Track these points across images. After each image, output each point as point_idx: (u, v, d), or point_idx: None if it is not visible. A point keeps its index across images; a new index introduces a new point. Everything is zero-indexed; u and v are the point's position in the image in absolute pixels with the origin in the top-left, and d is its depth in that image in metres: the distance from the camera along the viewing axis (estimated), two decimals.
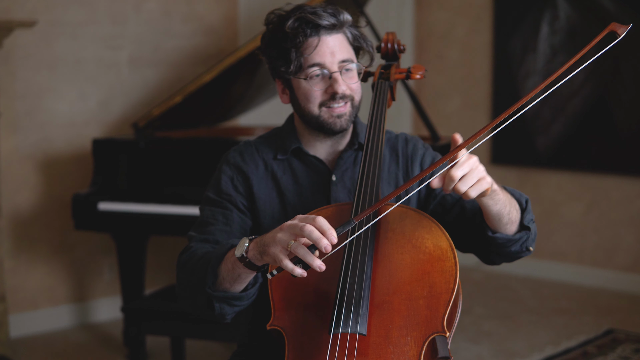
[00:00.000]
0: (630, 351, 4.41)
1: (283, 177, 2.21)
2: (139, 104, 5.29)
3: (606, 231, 5.78)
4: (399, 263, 1.92)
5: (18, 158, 4.83)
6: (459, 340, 4.64)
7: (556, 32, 5.80)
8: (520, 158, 6.12)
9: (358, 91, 2.15)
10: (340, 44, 2.10)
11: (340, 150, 2.23)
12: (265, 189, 2.20)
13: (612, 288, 5.67)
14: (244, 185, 2.20)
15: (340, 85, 2.08)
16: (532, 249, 2.12)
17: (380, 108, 2.22)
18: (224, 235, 2.14)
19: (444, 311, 1.84)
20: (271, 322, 1.91)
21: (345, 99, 2.11)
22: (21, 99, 4.81)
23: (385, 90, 2.28)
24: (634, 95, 5.48)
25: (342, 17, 2.10)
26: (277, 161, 2.23)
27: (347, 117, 2.13)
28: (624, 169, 5.59)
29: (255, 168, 2.22)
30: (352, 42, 2.14)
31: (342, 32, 2.11)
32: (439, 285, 1.87)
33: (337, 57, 2.09)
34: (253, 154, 2.24)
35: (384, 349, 1.82)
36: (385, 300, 1.87)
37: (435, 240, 1.94)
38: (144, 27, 5.29)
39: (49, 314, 5.00)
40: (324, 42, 2.08)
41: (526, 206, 2.09)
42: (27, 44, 4.78)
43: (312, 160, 2.21)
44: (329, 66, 2.08)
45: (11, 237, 4.82)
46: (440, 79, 6.55)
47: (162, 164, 4.35)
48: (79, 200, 4.22)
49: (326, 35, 2.08)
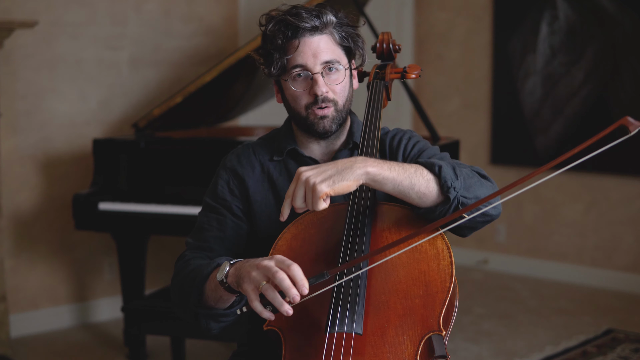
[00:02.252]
0: (630, 351, 4.41)
1: (279, 179, 2.20)
2: (139, 104, 5.29)
3: (606, 231, 5.78)
4: (395, 262, 1.90)
5: (18, 158, 4.83)
6: (459, 340, 4.65)
7: (555, 33, 5.80)
8: (519, 158, 6.12)
9: (343, 94, 2.12)
10: (325, 45, 2.08)
11: (335, 150, 2.21)
12: (261, 191, 2.20)
13: (611, 288, 5.68)
14: (240, 188, 2.20)
15: (320, 87, 2.07)
16: (490, 211, 1.95)
17: (375, 108, 2.20)
18: (218, 242, 2.16)
19: (440, 310, 1.83)
20: (268, 323, 1.90)
21: (327, 102, 2.09)
22: (22, 99, 4.82)
23: (380, 90, 2.26)
24: (633, 96, 5.48)
25: (326, 18, 2.08)
26: (274, 162, 2.22)
27: (330, 120, 2.10)
28: (623, 169, 5.60)
29: (251, 170, 2.21)
30: (340, 43, 2.12)
31: (326, 33, 2.09)
32: (435, 284, 1.86)
33: (319, 59, 2.07)
34: (250, 156, 2.24)
35: (380, 348, 1.81)
36: (381, 300, 1.86)
37: (431, 239, 1.92)
38: (144, 27, 5.30)
39: (49, 314, 5.01)
40: (305, 43, 2.07)
41: (439, 172, 1.90)
42: (27, 45, 4.79)
43: (308, 161, 2.19)
44: (311, 67, 2.07)
45: (12, 237, 4.83)
46: (440, 79, 6.56)
47: (163, 164, 4.35)
48: (79, 200, 4.23)
49: (308, 36, 2.07)
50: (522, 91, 6.02)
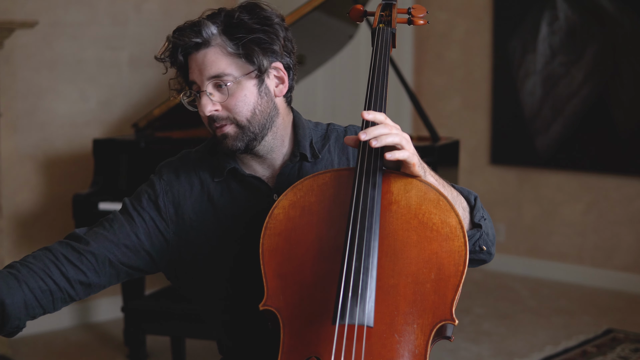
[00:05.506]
0: (630, 351, 4.42)
1: (220, 199, 2.00)
2: (139, 104, 5.29)
3: (605, 231, 5.79)
4: (405, 241, 1.73)
5: (18, 158, 4.83)
6: (459, 340, 4.64)
7: (555, 33, 5.81)
8: (519, 158, 6.13)
9: (241, 110, 1.90)
10: (212, 59, 1.90)
11: (279, 166, 2.00)
12: (198, 212, 2.00)
13: (611, 288, 5.68)
14: (171, 208, 2.01)
15: (203, 107, 1.89)
16: (492, 251, 1.97)
17: (383, 58, 1.95)
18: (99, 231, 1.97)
19: (452, 297, 1.68)
20: (264, 302, 1.73)
21: (220, 121, 1.90)
22: (22, 99, 4.82)
23: (387, 38, 2.00)
24: (633, 96, 5.49)
25: (206, 31, 1.92)
26: (215, 182, 2.01)
27: (232, 138, 1.91)
28: (623, 169, 5.60)
29: (189, 189, 2.02)
30: (235, 51, 1.90)
31: (213, 45, 1.91)
32: (448, 268, 1.70)
33: (205, 74, 1.90)
34: (190, 172, 2.05)
35: (388, 338, 1.66)
36: (390, 284, 1.69)
37: (443, 216, 1.75)
38: (145, 27, 5.30)
39: (49, 314, 5.00)
40: (192, 60, 1.93)
41: (475, 203, 1.91)
42: (27, 45, 4.79)
43: (251, 181, 1.99)
44: (200, 84, 1.91)
45: (11, 237, 4.83)
46: (440, 79, 6.56)
47: None
48: (79, 201, 4.23)
49: (194, 53, 1.92)
50: (522, 91, 6.03)
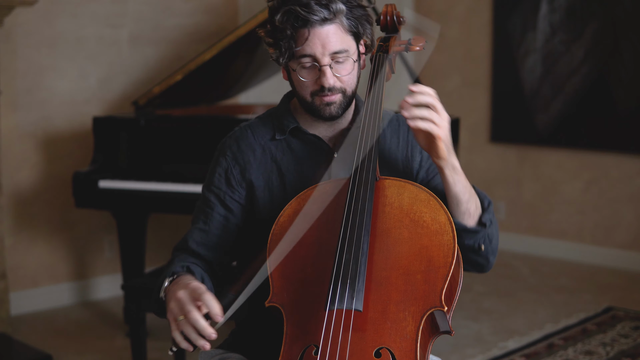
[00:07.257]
0: (630, 329, 4.43)
1: (283, 158, 2.16)
2: (139, 82, 5.28)
3: (606, 209, 5.79)
4: (397, 238, 1.90)
5: (18, 136, 4.83)
6: (459, 318, 4.66)
7: (555, 11, 5.78)
8: (520, 136, 6.12)
9: (351, 82, 2.10)
10: (334, 35, 2.03)
11: (342, 128, 2.17)
12: (264, 174, 2.16)
13: (611, 266, 5.69)
14: (241, 175, 2.17)
15: (328, 79, 2.04)
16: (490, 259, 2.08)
17: (378, 82, 2.13)
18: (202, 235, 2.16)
19: (442, 285, 1.83)
20: (270, 299, 1.91)
21: (334, 91, 2.06)
22: (22, 77, 4.81)
23: (383, 64, 2.18)
24: (633, 74, 5.47)
25: (335, 7, 2.03)
26: (276, 142, 2.18)
27: (337, 105, 2.08)
28: (623, 147, 5.60)
29: (252, 154, 2.17)
30: (349, 29, 2.06)
31: (336, 22, 2.03)
32: (437, 260, 1.86)
33: (328, 49, 2.03)
34: (249, 139, 2.19)
35: (381, 325, 1.80)
36: (382, 276, 1.86)
37: (434, 214, 1.92)
38: (145, 5, 5.28)
39: (49, 292, 5.02)
40: (314, 34, 2.02)
41: (487, 207, 2.04)
42: (27, 22, 4.78)
43: (312, 139, 2.16)
44: (320, 58, 2.03)
45: (12, 215, 4.83)
46: (440, 58, 6.54)
47: (163, 141, 4.34)
48: (79, 178, 4.23)
49: (318, 27, 2.02)
50: (522, 69, 6.01)
